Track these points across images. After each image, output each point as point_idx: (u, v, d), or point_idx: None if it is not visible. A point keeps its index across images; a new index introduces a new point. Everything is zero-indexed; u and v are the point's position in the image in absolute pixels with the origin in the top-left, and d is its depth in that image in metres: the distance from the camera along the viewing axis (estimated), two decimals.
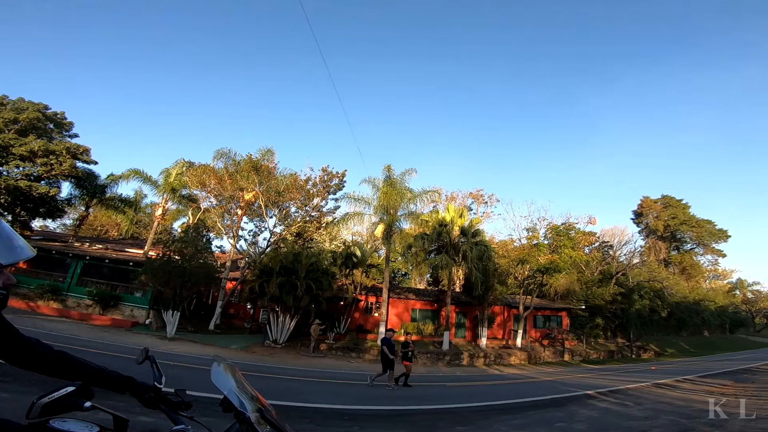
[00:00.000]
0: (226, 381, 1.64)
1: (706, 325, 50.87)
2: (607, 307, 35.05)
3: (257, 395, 1.73)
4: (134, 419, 4.32)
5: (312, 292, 20.88)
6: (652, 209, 67.83)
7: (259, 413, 1.56)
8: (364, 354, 21.12)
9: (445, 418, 7.64)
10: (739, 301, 66.64)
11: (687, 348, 38.82)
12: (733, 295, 67.04)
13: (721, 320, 54.78)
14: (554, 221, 43.38)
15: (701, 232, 65.23)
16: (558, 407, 9.04)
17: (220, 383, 1.61)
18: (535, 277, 30.28)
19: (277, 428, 1.57)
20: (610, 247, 48.68)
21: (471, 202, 47.33)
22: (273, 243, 26.44)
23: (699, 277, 63.21)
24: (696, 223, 65.39)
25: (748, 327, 62.45)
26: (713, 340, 47.13)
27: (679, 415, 7.75)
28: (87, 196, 28.19)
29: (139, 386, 1.62)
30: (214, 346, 18.17)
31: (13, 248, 1.36)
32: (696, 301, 49.86)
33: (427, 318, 28.28)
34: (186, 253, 20.80)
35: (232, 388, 1.58)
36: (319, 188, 27.13)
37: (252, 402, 1.60)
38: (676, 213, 65.84)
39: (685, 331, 46.62)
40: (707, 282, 65.81)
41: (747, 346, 44.06)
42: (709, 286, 63.55)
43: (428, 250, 25.87)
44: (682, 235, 66.48)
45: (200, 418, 1.71)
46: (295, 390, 10.36)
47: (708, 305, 51.53)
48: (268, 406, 1.70)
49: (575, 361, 26.44)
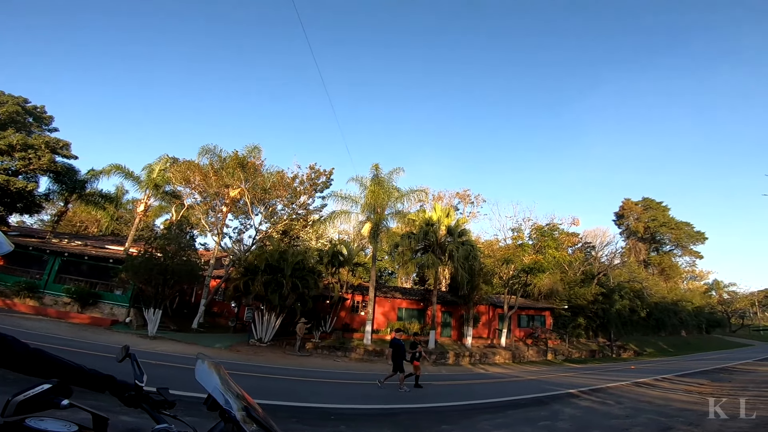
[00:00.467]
0: (211, 379, 1.60)
1: (683, 326, 52.05)
2: (589, 307, 35.63)
3: (243, 393, 1.70)
4: (115, 419, 4.20)
5: (298, 290, 20.70)
6: (633, 211, 69.34)
7: (245, 411, 1.52)
8: (351, 353, 21.04)
9: (430, 417, 7.67)
10: (715, 301, 68.30)
11: (665, 348, 39.74)
12: (709, 296, 68.75)
13: (698, 320, 56.08)
14: (539, 222, 43.99)
15: (680, 234, 66.95)
16: (542, 406, 9.13)
17: (205, 381, 1.58)
18: (520, 276, 30.62)
19: (264, 427, 1.54)
20: (592, 248, 49.62)
21: (458, 202, 47.66)
22: (258, 241, 26.13)
23: (677, 278, 64.78)
24: (675, 225, 67.09)
25: (724, 327, 63.86)
26: (690, 340, 48.18)
27: (658, 413, 7.92)
28: (66, 191, 27.46)
29: (120, 385, 1.58)
30: (198, 345, 17.85)
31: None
32: (674, 302, 51.03)
33: (413, 317, 28.33)
34: (168, 251, 20.36)
35: (216, 386, 1.55)
36: (306, 186, 26.89)
37: (237, 400, 1.57)
38: (656, 215, 67.46)
39: (663, 331, 47.64)
40: (685, 283, 67.43)
41: (723, 346, 45.21)
42: (687, 287, 65.08)
43: (415, 249, 25.90)
44: (662, 237, 68.12)
45: (184, 418, 1.67)
46: (282, 389, 10.26)
47: (685, 306, 52.75)
48: (254, 404, 1.67)
49: (558, 361, 26.80)
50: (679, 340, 46.19)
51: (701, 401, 9.29)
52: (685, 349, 39.65)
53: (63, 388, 1.37)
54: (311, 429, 6.21)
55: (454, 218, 27.92)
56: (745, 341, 52.98)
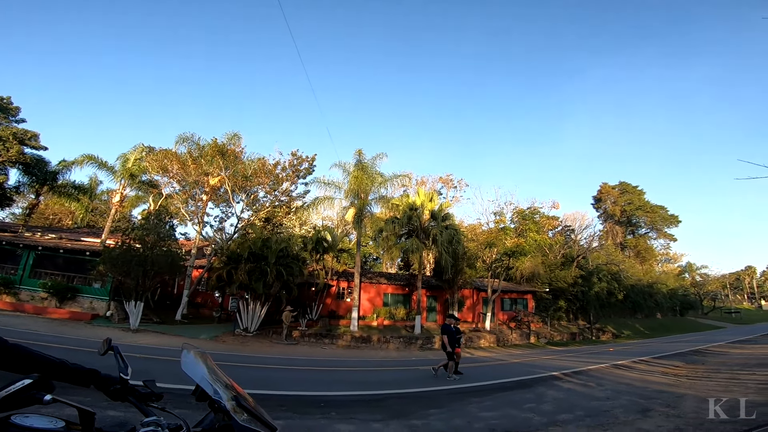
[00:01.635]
0: (198, 369, 1.57)
1: (658, 308, 53.53)
2: (569, 289, 36.38)
3: (232, 383, 1.66)
4: (102, 414, 4.08)
5: (282, 278, 20.52)
6: (610, 195, 70.93)
7: (235, 401, 1.49)
8: (338, 340, 21.08)
9: (419, 401, 7.69)
10: (688, 284, 70.46)
11: (641, 330, 40.95)
12: (683, 279, 71.01)
13: (672, 303, 57.71)
14: (520, 206, 44.83)
15: (654, 218, 68.92)
16: (526, 389, 9.28)
17: (192, 372, 1.54)
18: (502, 260, 31.11)
19: (254, 416, 1.51)
20: (571, 231, 50.65)
21: (441, 187, 47.90)
22: (241, 229, 25.74)
23: (652, 260, 66.69)
24: (650, 208, 68.97)
25: (697, 309, 65.63)
26: (665, 323, 49.33)
27: (637, 395, 8.14)
28: (37, 183, 26.43)
29: (104, 378, 1.53)
30: (182, 337, 17.58)
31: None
32: (649, 284, 52.34)
33: (399, 302, 28.51)
34: (147, 241, 19.85)
35: (204, 376, 1.52)
36: (288, 172, 26.52)
37: (227, 390, 1.53)
38: (632, 199, 69.19)
39: (639, 314, 48.95)
40: (659, 265, 69.46)
41: (696, 328, 46.47)
42: (662, 270, 67.04)
43: (399, 234, 25.92)
44: (638, 220, 70.01)
45: (174, 410, 1.61)
46: (270, 378, 10.19)
47: (660, 288, 54.14)
48: (243, 393, 1.64)
49: (541, 343, 27.40)
50: (655, 323, 47.49)
51: (677, 383, 9.57)
52: (660, 331, 40.87)
53: (44, 384, 1.32)
54: (301, 417, 6.16)
55: (438, 203, 28.01)
56: (716, 323, 54.46)
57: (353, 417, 6.30)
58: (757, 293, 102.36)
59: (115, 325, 19.00)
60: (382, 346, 21.27)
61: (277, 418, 5.94)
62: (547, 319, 33.97)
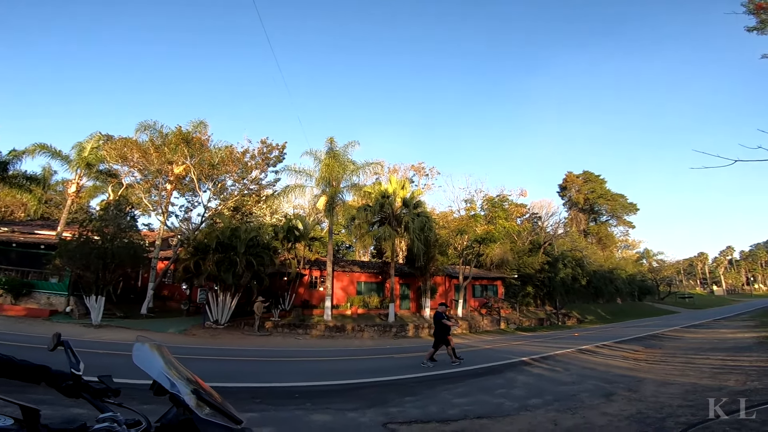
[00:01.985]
0: (153, 362, 1.49)
1: (618, 293, 55.66)
2: (537, 275, 37.49)
3: (193, 376, 1.58)
4: (66, 411, 3.83)
5: (253, 268, 20.08)
6: (574, 183, 73.38)
7: (196, 394, 1.41)
8: (311, 330, 20.93)
9: (393, 389, 7.73)
10: (645, 269, 73.35)
11: (603, 315, 42.54)
12: (640, 264, 74.08)
13: (631, 288, 60.10)
14: (490, 193, 45.63)
15: (615, 205, 71.92)
16: (497, 374, 9.51)
17: (146, 365, 1.46)
18: (473, 247, 31.66)
19: (217, 408, 1.44)
20: (538, 219, 52.14)
21: (413, 175, 47.96)
22: (208, 218, 24.93)
23: (612, 247, 69.55)
24: (611, 196, 71.89)
25: (654, 294, 68.35)
26: (624, 308, 50.96)
27: (601, 379, 8.47)
28: None
29: (55, 375, 1.49)
30: (149, 332, 16.92)
31: None
32: (610, 270, 54.39)
33: (372, 290, 28.55)
34: (107, 233, 18.95)
35: (160, 369, 1.44)
36: (257, 160, 25.81)
37: (186, 383, 1.46)
38: (595, 187, 71.86)
39: (601, 299, 50.79)
40: (619, 252, 72.35)
41: (653, 313, 48.45)
42: (621, 256, 69.74)
43: (371, 221, 25.86)
44: (599, 208, 72.84)
45: (139, 406, 1.54)
46: (243, 371, 10.02)
47: (620, 273, 56.35)
48: (206, 386, 1.56)
49: (510, 329, 28.07)
50: (616, 307, 49.29)
51: (637, 367, 10.02)
52: (620, 316, 42.41)
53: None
54: (275, 408, 6.07)
55: (410, 190, 28.08)
56: (672, 308, 56.92)
57: (329, 407, 6.26)
58: (708, 279, 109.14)
59: (75, 321, 18.13)
60: (357, 335, 21.30)
61: (251, 410, 5.84)
62: (516, 305, 34.91)
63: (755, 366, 8.67)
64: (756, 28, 11.32)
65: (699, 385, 7.32)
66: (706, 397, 6.34)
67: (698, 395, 6.54)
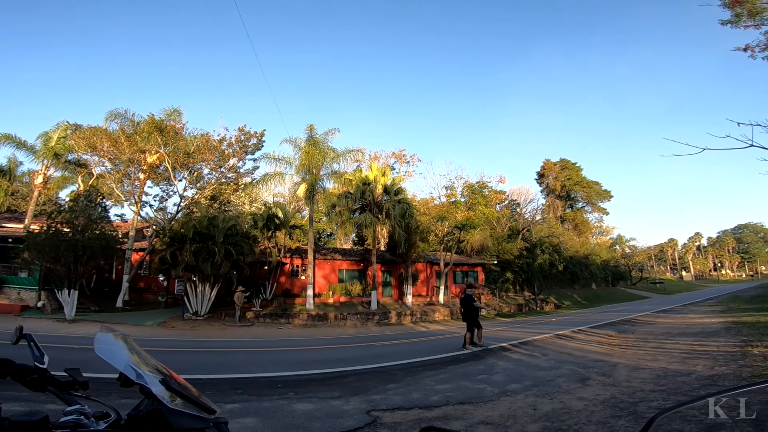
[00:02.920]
0: (118, 353, 1.46)
1: (593, 279, 56.96)
2: (516, 261, 38.06)
3: (162, 367, 1.54)
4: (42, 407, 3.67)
5: (232, 257, 19.76)
6: (552, 171, 74.59)
7: (164, 384, 1.37)
8: (294, 319, 20.84)
9: (376, 377, 7.78)
10: (618, 255, 75.12)
11: (579, 300, 43.58)
12: (614, 250, 75.94)
13: (605, 274, 61.57)
14: (470, 180, 46.05)
15: (590, 192, 73.59)
16: (478, 360, 9.65)
17: (110, 356, 1.41)
18: (454, 233, 31.95)
19: (189, 399, 1.40)
20: (517, 205, 52.94)
21: (394, 162, 47.88)
22: (184, 207, 24.32)
23: (587, 233, 71.18)
24: (586, 184, 73.46)
25: (626, 280, 70.06)
26: (599, 293, 52.31)
27: (577, 364, 8.67)
28: None
29: (19, 368, 1.44)
30: (126, 325, 16.46)
31: None
32: (585, 256, 55.52)
33: (354, 278, 28.57)
34: (77, 224, 18.27)
35: (125, 360, 1.41)
36: (235, 148, 25.29)
37: (154, 373, 1.42)
38: (571, 175, 73.25)
39: (577, 284, 52.00)
40: (594, 238, 74.25)
41: (625, 298, 49.57)
42: (596, 242, 71.62)
43: (352, 209, 25.72)
44: (575, 195, 74.39)
45: (118, 401, 1.60)
46: (224, 362, 9.89)
47: (595, 259, 57.58)
48: (177, 376, 1.52)
49: (490, 315, 28.42)
50: (590, 293, 50.40)
51: (611, 352, 10.28)
52: (595, 302, 43.38)
53: None
54: (258, 398, 6.01)
55: (390, 177, 27.98)
56: (643, 293, 58.45)
57: (312, 396, 6.24)
58: (678, 265, 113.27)
59: (48, 316, 17.54)
60: (339, 324, 21.33)
61: (233, 401, 5.77)
62: (496, 291, 35.54)
63: (722, 351, 8.94)
64: (730, 22, 11.54)
65: (669, 370, 7.52)
66: (677, 381, 6.57)
67: (668, 380, 6.73)
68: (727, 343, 10.04)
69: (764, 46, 11.21)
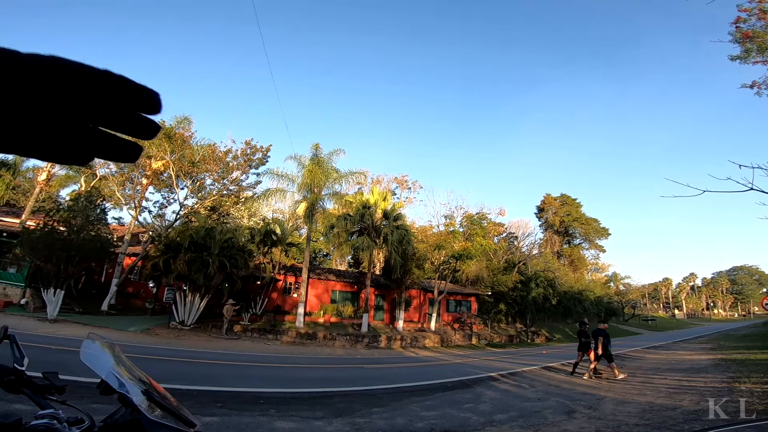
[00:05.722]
0: (102, 360, 1.45)
1: (586, 314, 56.56)
2: (510, 293, 37.89)
3: (146, 377, 1.54)
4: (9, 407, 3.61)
5: (226, 270, 19.63)
6: (552, 206, 75.11)
7: (146, 395, 1.38)
8: (282, 336, 20.51)
9: (362, 400, 7.65)
10: (612, 292, 75.17)
11: (571, 334, 43.20)
12: (608, 287, 76.06)
13: (598, 309, 61.28)
14: (470, 210, 46.19)
15: (588, 229, 73.89)
16: (466, 389, 9.52)
17: (94, 363, 1.41)
18: (450, 262, 31.83)
19: (169, 411, 1.40)
20: (515, 238, 53.03)
21: (395, 187, 48.15)
22: (183, 216, 24.31)
23: (583, 269, 71.17)
24: (585, 220, 73.86)
25: (619, 316, 69.88)
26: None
27: (564, 397, 8.61)
28: None
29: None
30: (109, 329, 16.22)
31: None
32: (579, 291, 55.52)
33: (347, 300, 28.30)
34: (74, 224, 18.26)
35: (110, 368, 1.41)
36: (240, 161, 25.45)
37: (137, 383, 1.42)
38: (570, 210, 73.72)
39: (570, 318, 51.73)
40: (589, 274, 74.25)
41: (617, 334, 49.63)
42: (591, 278, 71.57)
43: (351, 231, 25.72)
44: (574, 231, 74.65)
45: (90, 406, 1.61)
46: (206, 374, 9.68)
47: (588, 295, 57.58)
48: (160, 388, 1.53)
49: (481, 345, 28.20)
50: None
51: (598, 386, 10.23)
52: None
53: None
54: (238, 413, 5.89)
55: (391, 202, 28.15)
56: (635, 330, 58.67)
57: (294, 414, 6.11)
58: (671, 303, 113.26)
59: (30, 314, 17.29)
60: (328, 343, 20.98)
61: (212, 414, 5.65)
62: (489, 321, 35.14)
63: (709, 387, 8.95)
64: (740, 57, 11.87)
65: (655, 404, 7.52)
66: (662, 415, 6.55)
67: (654, 414, 6.72)
68: (715, 378, 10.01)
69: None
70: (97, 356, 1.47)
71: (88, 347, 1.50)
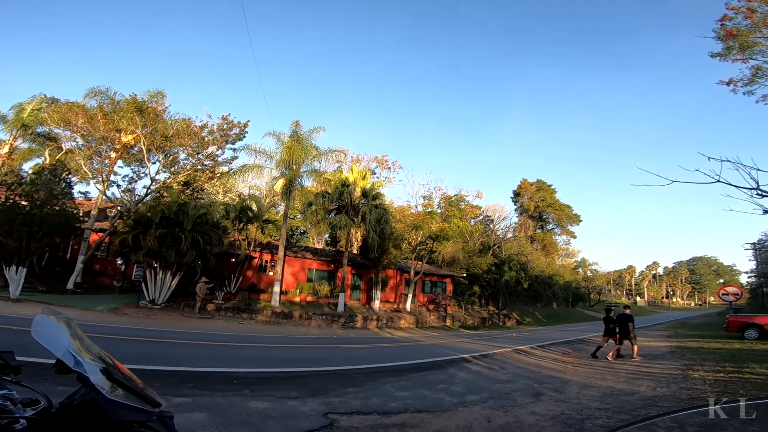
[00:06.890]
0: (58, 338, 1.40)
1: (555, 298, 58.68)
2: (484, 276, 38.64)
3: (107, 356, 1.48)
4: None
5: (199, 246, 19.20)
6: (528, 191, 76.46)
7: (106, 374, 1.31)
8: (257, 315, 20.37)
9: (337, 379, 7.69)
10: (580, 278, 77.79)
11: (540, 318, 44.71)
12: (577, 273, 78.59)
13: (567, 294, 63.55)
14: (448, 192, 46.57)
15: (561, 215, 75.81)
16: (440, 370, 9.72)
17: (49, 341, 1.34)
18: (427, 243, 32.18)
19: (132, 390, 1.34)
20: (491, 221, 53.93)
21: (375, 166, 47.89)
22: (155, 191, 23.47)
23: (554, 254, 73.08)
24: (559, 206, 75.66)
25: (585, 302, 72.85)
26: (559, 312, 54.00)
27: (533, 379, 8.93)
28: None
29: None
30: (74, 308, 15.64)
31: None
32: (550, 276, 57.17)
33: (324, 278, 28.27)
34: (36, 198, 17.39)
35: (66, 346, 1.35)
36: (216, 136, 24.64)
37: (96, 361, 1.36)
38: (545, 196, 75.30)
39: (539, 303, 53.33)
40: (560, 259, 76.49)
41: (583, 319, 51.36)
42: (561, 263, 73.69)
43: (329, 209, 25.56)
44: (547, 216, 76.42)
45: (54, 388, 1.56)
46: (177, 354, 9.49)
47: (558, 280, 59.36)
48: (122, 367, 1.46)
49: (455, 326, 28.74)
50: (551, 312, 51.71)
51: (564, 369, 10.68)
52: (555, 320, 44.74)
53: None
54: (210, 394, 5.78)
55: (370, 181, 27.99)
56: (600, 315, 60.81)
57: (269, 394, 6.06)
58: (634, 290, 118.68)
59: None
60: (304, 323, 21.01)
61: (183, 395, 5.52)
62: (463, 303, 35.89)
63: (665, 373, 9.43)
64: (720, 54, 12.17)
65: (615, 389, 7.88)
66: (621, 400, 6.87)
67: (614, 399, 7.02)
68: (671, 365, 10.55)
69: (748, 81, 11.85)
70: (51, 333, 1.41)
71: (41, 323, 1.42)
